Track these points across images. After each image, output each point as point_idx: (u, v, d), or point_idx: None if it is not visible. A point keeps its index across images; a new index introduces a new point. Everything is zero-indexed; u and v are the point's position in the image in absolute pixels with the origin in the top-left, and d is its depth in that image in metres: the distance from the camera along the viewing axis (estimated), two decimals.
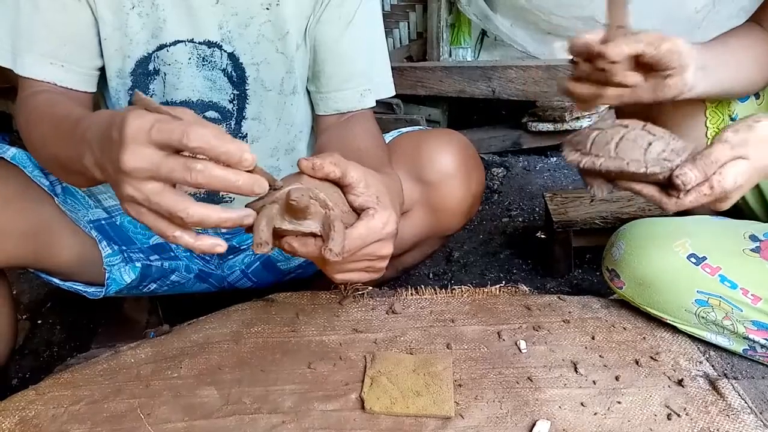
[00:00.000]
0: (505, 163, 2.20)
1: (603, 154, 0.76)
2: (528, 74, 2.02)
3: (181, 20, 0.96)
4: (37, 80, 0.90)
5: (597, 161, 0.76)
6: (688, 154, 0.74)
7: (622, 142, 0.76)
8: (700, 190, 0.72)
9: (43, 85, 0.90)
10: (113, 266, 1.05)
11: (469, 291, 1.04)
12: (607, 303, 1.01)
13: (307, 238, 0.67)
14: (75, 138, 0.70)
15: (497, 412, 0.80)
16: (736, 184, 0.72)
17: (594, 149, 0.77)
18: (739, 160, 0.72)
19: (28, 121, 0.87)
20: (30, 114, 0.87)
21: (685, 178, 0.71)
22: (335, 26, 1.02)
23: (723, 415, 0.78)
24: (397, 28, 2.30)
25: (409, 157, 1.05)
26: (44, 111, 0.85)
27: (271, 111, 1.06)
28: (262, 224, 0.64)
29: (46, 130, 0.82)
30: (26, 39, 0.90)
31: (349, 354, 0.91)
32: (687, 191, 0.72)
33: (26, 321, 1.49)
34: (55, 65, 0.90)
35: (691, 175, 0.71)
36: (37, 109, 0.86)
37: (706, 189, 0.72)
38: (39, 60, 0.90)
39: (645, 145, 0.75)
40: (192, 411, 0.82)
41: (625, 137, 0.76)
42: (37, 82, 0.90)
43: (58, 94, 0.90)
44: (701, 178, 0.71)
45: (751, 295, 0.84)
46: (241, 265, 1.22)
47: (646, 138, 0.75)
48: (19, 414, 0.82)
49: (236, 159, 0.58)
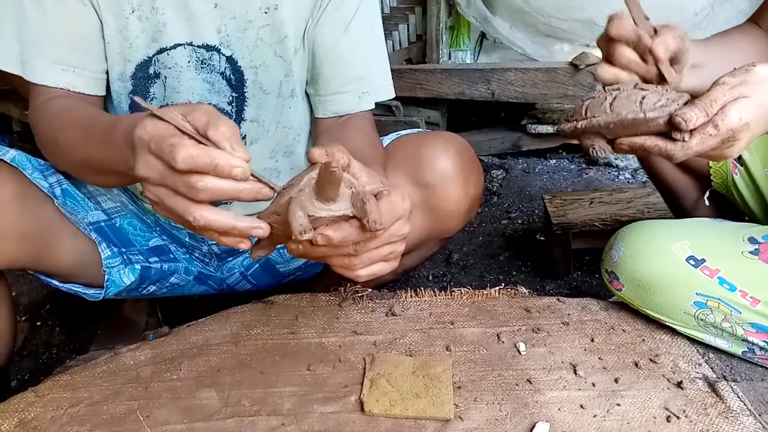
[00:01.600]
0: (505, 165, 2.21)
1: (599, 114, 0.75)
2: (527, 76, 2.02)
3: (180, 24, 0.96)
4: (49, 86, 0.91)
5: (594, 120, 0.75)
6: (685, 99, 0.73)
7: (616, 101, 0.74)
8: (704, 131, 0.70)
9: (57, 91, 0.91)
10: (113, 268, 1.05)
11: (468, 293, 1.04)
12: (607, 305, 1.01)
13: (341, 223, 0.65)
14: (113, 142, 0.71)
15: (497, 414, 0.80)
16: (742, 122, 0.70)
17: (589, 113, 0.76)
18: (740, 99, 0.71)
19: (51, 126, 0.87)
20: (53, 119, 0.88)
21: (685, 116, 0.69)
22: (334, 30, 1.02)
23: (722, 417, 0.79)
24: (396, 31, 2.30)
25: (408, 159, 1.05)
26: (70, 116, 0.86)
27: (270, 114, 1.07)
28: (297, 212, 0.62)
29: (76, 134, 0.83)
30: (35, 45, 0.90)
31: (349, 356, 0.91)
32: (691, 133, 0.70)
33: (25, 322, 1.49)
34: (67, 71, 0.91)
35: (691, 113, 0.69)
36: (62, 114, 0.87)
37: (711, 129, 0.70)
38: (50, 66, 0.91)
39: (639, 98, 0.73)
40: (191, 413, 0.82)
41: (618, 96, 0.75)
42: (49, 89, 0.91)
43: (76, 99, 0.91)
44: (702, 116, 0.69)
45: (750, 297, 0.84)
46: (240, 267, 1.22)
47: (640, 93, 0.74)
48: (18, 416, 0.82)
49: (227, 173, 0.59)
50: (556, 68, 1.99)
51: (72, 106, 0.88)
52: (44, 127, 0.89)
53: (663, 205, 1.30)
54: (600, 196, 1.58)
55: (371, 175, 0.70)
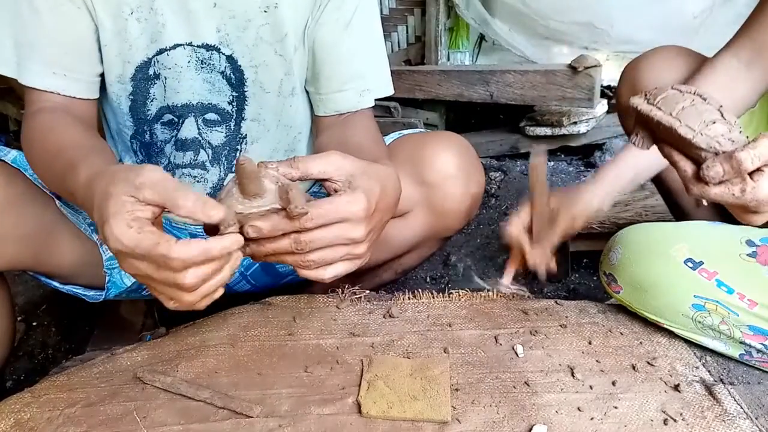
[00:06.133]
0: (503, 167, 2.21)
1: (665, 109, 0.72)
2: (526, 78, 2.03)
3: (179, 24, 0.96)
4: (40, 90, 0.91)
5: (655, 112, 0.72)
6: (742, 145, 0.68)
7: (689, 108, 0.72)
8: (729, 187, 0.67)
9: (44, 99, 0.92)
10: (114, 269, 1.05)
11: (466, 295, 1.04)
12: (604, 308, 1.01)
13: (270, 215, 0.66)
14: (66, 189, 0.75)
15: (494, 417, 0.80)
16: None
17: (661, 103, 0.73)
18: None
19: (26, 145, 0.90)
20: (29, 140, 0.89)
21: (710, 172, 0.66)
22: (334, 28, 1.02)
23: (719, 420, 0.79)
24: (395, 32, 2.30)
25: (409, 158, 1.05)
26: (38, 141, 0.87)
27: (270, 112, 1.06)
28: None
29: (40, 163, 0.86)
30: (28, 47, 0.90)
31: (346, 358, 0.91)
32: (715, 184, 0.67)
33: (21, 323, 1.48)
34: (57, 75, 0.91)
35: (718, 169, 0.66)
36: (34, 136, 0.88)
37: (737, 190, 0.67)
38: (42, 70, 0.91)
39: (708, 121, 0.70)
40: (188, 414, 0.82)
41: (695, 106, 0.72)
42: (39, 94, 0.91)
43: (56, 114, 0.90)
44: (730, 174, 0.66)
45: (747, 299, 0.84)
46: (240, 268, 1.22)
47: (714, 116, 0.71)
48: (14, 416, 0.82)
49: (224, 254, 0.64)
50: (554, 70, 1.99)
51: (47, 127, 0.88)
52: (25, 140, 0.90)
53: (661, 207, 1.30)
54: None
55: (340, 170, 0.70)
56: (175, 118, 1.02)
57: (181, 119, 1.02)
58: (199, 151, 1.05)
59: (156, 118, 1.02)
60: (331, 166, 0.70)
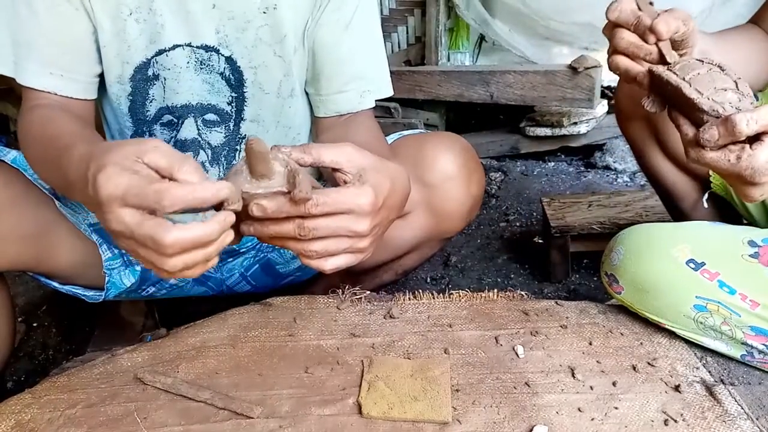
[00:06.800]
0: (503, 167, 2.21)
1: (679, 74, 0.72)
2: (526, 79, 2.03)
3: (178, 25, 0.96)
4: (37, 90, 0.91)
5: (667, 73, 0.73)
6: None
7: (704, 75, 0.72)
8: (726, 153, 0.66)
9: (42, 97, 0.91)
10: (113, 270, 1.05)
11: (466, 296, 1.04)
12: (605, 308, 1.01)
13: (276, 196, 0.66)
14: (61, 172, 0.72)
15: (494, 418, 0.80)
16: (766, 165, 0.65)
17: (678, 68, 0.73)
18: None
19: (23, 139, 0.88)
20: (25, 133, 0.88)
21: (705, 134, 0.66)
22: (333, 29, 1.02)
23: (719, 421, 0.78)
24: (395, 32, 2.30)
25: (410, 159, 1.05)
26: (36, 132, 0.86)
27: (270, 113, 1.07)
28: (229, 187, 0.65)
29: (36, 153, 0.84)
30: (26, 47, 0.90)
31: (347, 358, 0.91)
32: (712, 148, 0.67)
33: (22, 324, 1.48)
34: (54, 75, 0.91)
35: (713, 132, 0.65)
36: (31, 128, 0.87)
37: (732, 156, 0.66)
38: (39, 70, 0.91)
39: (719, 88, 0.70)
40: (189, 415, 0.81)
41: (711, 74, 0.72)
42: (37, 93, 0.91)
43: (54, 110, 0.90)
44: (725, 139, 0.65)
45: (749, 300, 0.84)
46: (240, 268, 1.22)
47: (727, 85, 0.70)
48: (15, 417, 0.82)
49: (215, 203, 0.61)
50: (554, 71, 1.99)
51: (43, 121, 0.87)
52: (21, 137, 0.89)
53: (661, 208, 1.30)
54: (598, 199, 1.58)
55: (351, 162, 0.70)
56: (174, 119, 1.03)
57: (181, 120, 1.03)
58: (198, 151, 1.05)
59: (155, 119, 1.03)
60: (344, 156, 0.69)
